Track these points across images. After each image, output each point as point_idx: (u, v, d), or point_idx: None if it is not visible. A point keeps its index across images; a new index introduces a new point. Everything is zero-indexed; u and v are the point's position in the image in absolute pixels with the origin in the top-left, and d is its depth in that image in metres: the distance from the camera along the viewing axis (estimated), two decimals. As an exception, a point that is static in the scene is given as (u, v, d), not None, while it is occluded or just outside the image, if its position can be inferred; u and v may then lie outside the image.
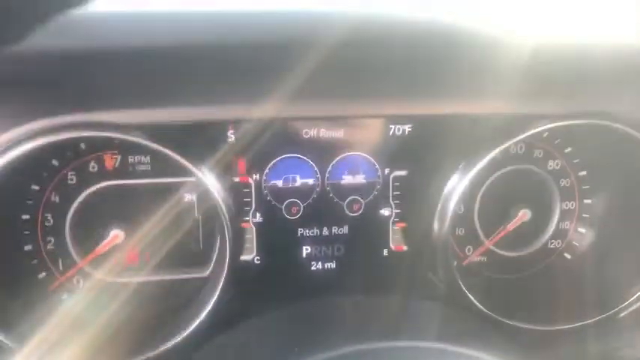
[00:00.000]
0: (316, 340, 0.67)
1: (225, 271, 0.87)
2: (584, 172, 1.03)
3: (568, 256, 1.07)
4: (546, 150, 1.02)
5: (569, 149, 1.02)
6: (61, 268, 0.92)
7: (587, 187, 1.04)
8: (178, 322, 0.87)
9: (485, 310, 0.91)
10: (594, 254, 1.04)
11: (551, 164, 1.02)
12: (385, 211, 1.01)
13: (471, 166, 0.87)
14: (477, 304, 0.91)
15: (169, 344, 0.84)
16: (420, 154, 0.97)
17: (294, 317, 0.81)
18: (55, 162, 0.89)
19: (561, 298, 1.00)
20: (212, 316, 0.85)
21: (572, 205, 1.05)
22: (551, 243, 1.06)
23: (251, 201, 0.96)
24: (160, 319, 0.90)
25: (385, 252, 1.02)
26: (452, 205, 0.88)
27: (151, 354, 0.83)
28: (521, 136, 0.86)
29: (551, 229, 1.04)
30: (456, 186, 0.88)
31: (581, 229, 1.06)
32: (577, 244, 1.06)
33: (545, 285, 1.05)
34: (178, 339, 0.84)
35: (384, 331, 0.71)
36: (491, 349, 0.68)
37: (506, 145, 0.86)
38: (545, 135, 1.00)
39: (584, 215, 1.05)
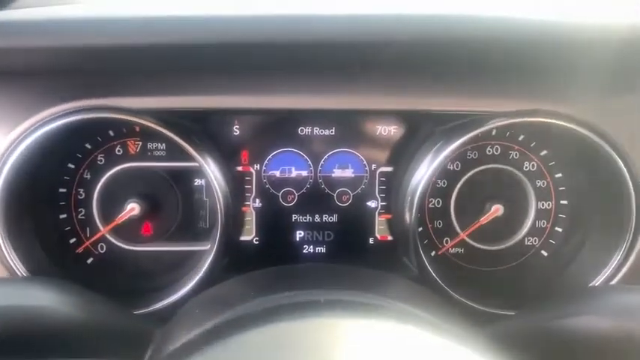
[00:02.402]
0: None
1: (215, 247, 1.00)
2: (559, 175, 1.10)
3: (545, 253, 1.13)
4: (522, 152, 1.09)
5: (544, 152, 1.09)
6: (88, 234, 1.09)
7: (563, 188, 1.10)
8: (177, 286, 1.01)
9: (451, 292, 0.99)
10: (569, 251, 1.09)
11: (527, 165, 1.10)
12: (371, 203, 1.12)
13: (432, 162, 0.97)
14: (445, 287, 0.99)
15: (163, 303, 0.99)
16: (403, 152, 1.08)
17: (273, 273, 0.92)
18: (88, 145, 1.07)
19: (534, 288, 1.07)
20: (203, 283, 0.99)
21: (549, 205, 1.11)
22: (528, 240, 1.12)
23: (252, 188, 1.10)
24: (164, 283, 1.05)
25: (371, 240, 1.13)
26: (417, 198, 0.98)
27: (150, 309, 0.98)
28: (472, 134, 0.95)
29: (527, 227, 1.11)
30: (419, 180, 0.98)
31: (558, 229, 1.12)
32: (554, 242, 1.12)
33: (521, 277, 1.11)
34: (172, 299, 0.99)
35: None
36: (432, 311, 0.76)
37: (458, 143, 0.95)
38: (520, 138, 1.09)
39: (560, 215, 1.12)
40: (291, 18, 0.92)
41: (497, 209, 1.07)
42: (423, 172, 0.99)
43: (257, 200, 1.11)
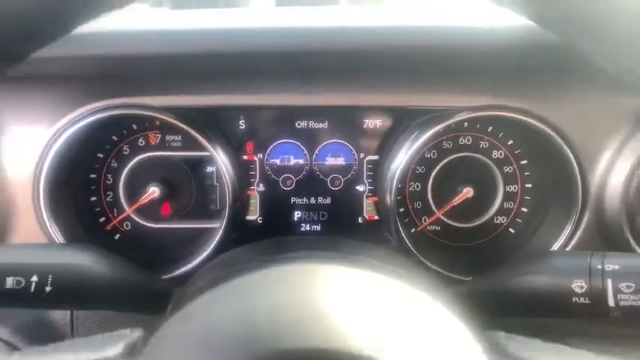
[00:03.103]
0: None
1: (224, 225, 1.18)
2: (524, 161, 1.26)
3: (512, 230, 1.29)
4: (491, 142, 1.25)
5: (510, 142, 1.25)
6: (115, 214, 1.26)
7: (528, 173, 1.26)
8: (192, 258, 1.19)
9: (425, 261, 1.15)
10: (532, 228, 1.26)
11: (495, 154, 1.25)
12: (360, 188, 1.28)
13: (408, 150, 1.14)
14: (420, 257, 1.16)
15: (180, 271, 1.17)
16: (386, 142, 1.25)
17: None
18: (114, 137, 1.24)
19: (499, 259, 1.22)
20: (213, 255, 1.16)
21: (515, 188, 1.27)
22: (497, 219, 1.28)
23: (256, 174, 1.27)
24: (181, 255, 1.23)
25: (360, 220, 1.29)
26: (395, 181, 1.15)
27: (168, 275, 1.16)
28: (442, 125, 1.12)
29: (496, 207, 1.27)
30: (398, 166, 1.15)
31: (524, 209, 1.28)
32: (520, 221, 1.28)
33: (489, 250, 1.28)
34: (187, 268, 1.17)
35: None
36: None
37: (430, 133, 1.12)
38: (489, 129, 1.25)
39: (525, 197, 1.28)
40: (289, 30, 1.10)
41: (468, 191, 1.23)
42: (401, 159, 1.15)
43: (260, 185, 1.27)
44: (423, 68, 1.13)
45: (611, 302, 0.86)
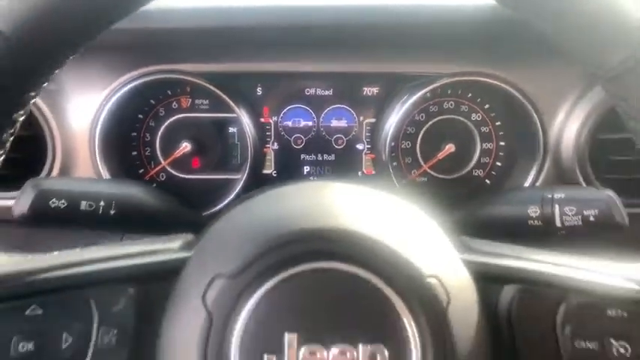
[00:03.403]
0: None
1: (245, 177, 1.41)
2: (499, 123, 1.47)
3: (488, 182, 1.51)
4: (470, 106, 1.47)
5: (487, 105, 1.47)
6: (152, 166, 1.48)
7: (502, 133, 1.48)
8: (217, 202, 1.42)
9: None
10: (505, 178, 1.48)
11: (474, 116, 1.47)
12: (359, 146, 1.50)
13: (399, 112, 1.36)
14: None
15: (208, 212, 1.39)
16: (382, 106, 1.47)
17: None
18: (152, 101, 1.45)
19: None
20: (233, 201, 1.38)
21: (491, 145, 1.48)
22: (475, 172, 1.49)
23: (271, 134, 1.48)
24: (208, 201, 1.45)
25: (359, 174, 1.51)
26: (388, 140, 1.37)
27: (204, 213, 1.38)
28: (427, 89, 1.34)
29: (474, 162, 1.48)
30: (390, 126, 1.37)
31: (498, 163, 1.50)
32: (494, 174, 1.50)
33: (469, 198, 1.49)
34: (213, 210, 1.39)
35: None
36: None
37: (416, 97, 1.34)
38: (469, 95, 1.47)
39: (500, 154, 1.49)
40: (298, 8, 1.31)
41: (450, 147, 1.45)
42: (393, 120, 1.37)
43: (275, 143, 1.49)
44: (412, 40, 1.35)
45: (558, 223, 1.08)
